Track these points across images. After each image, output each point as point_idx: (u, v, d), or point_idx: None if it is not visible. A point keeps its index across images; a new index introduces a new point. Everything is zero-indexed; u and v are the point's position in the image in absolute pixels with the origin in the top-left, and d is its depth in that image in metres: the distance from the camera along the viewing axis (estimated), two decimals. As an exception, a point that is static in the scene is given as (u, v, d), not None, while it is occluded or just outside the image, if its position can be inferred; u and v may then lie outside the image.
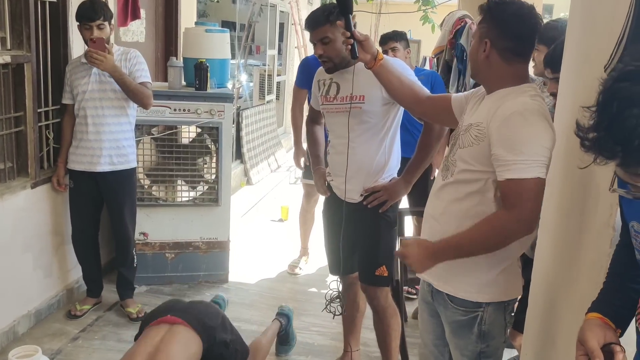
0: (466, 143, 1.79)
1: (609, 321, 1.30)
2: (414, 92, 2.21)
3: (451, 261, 1.80)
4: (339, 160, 2.60)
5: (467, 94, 2.04)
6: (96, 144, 3.28)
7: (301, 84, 4.14)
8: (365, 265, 2.68)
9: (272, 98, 8.34)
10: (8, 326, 3.14)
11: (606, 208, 1.45)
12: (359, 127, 2.51)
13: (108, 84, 3.25)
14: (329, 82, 2.60)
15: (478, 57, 1.82)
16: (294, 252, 4.58)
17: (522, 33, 1.77)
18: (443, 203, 1.88)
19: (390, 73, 2.19)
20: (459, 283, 1.86)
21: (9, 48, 3.05)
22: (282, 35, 9.13)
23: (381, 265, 2.63)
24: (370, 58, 2.16)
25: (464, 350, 1.91)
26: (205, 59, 3.82)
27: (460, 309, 1.86)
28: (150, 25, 4.91)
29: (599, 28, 1.69)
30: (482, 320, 1.84)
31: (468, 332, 1.87)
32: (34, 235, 3.31)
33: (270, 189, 6.76)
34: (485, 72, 1.83)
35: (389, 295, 2.73)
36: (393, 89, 2.22)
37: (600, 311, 1.32)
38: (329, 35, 2.43)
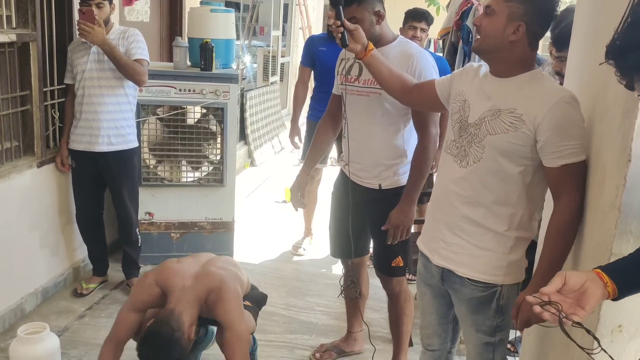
0: (499, 129, 1.76)
1: (603, 275, 1.24)
2: (402, 81, 2.20)
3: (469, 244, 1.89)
4: (355, 145, 2.57)
5: (452, 77, 2.02)
6: (94, 123, 3.28)
7: (306, 62, 4.14)
8: (381, 256, 2.69)
9: (276, 79, 8.31)
10: (15, 303, 3.18)
11: (612, 189, 1.46)
12: (378, 113, 2.48)
13: (106, 63, 3.22)
14: (352, 62, 2.53)
15: (504, 38, 1.75)
16: (298, 233, 4.60)
17: (551, 17, 1.79)
18: (470, 190, 1.86)
19: (381, 63, 2.19)
20: (477, 266, 1.88)
21: (14, 27, 3.04)
22: (286, 16, 9.06)
23: (397, 256, 2.64)
24: (361, 48, 2.15)
25: (481, 325, 1.94)
26: (211, 39, 3.80)
27: (479, 285, 1.89)
28: (154, 5, 4.88)
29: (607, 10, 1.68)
30: (500, 295, 1.89)
31: (487, 307, 1.90)
32: (41, 214, 3.34)
33: (274, 170, 6.77)
34: (506, 54, 1.78)
35: (403, 281, 2.75)
36: (383, 79, 2.21)
37: (604, 268, 1.27)
38: (357, 15, 2.36)
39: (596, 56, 1.76)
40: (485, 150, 1.80)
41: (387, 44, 2.46)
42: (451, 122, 1.94)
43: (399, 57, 2.41)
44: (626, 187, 1.39)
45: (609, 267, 1.28)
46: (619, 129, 1.46)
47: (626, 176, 1.39)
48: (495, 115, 1.78)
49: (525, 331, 2.33)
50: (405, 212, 2.48)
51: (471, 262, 1.89)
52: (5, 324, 3.10)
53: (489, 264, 1.87)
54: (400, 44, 2.48)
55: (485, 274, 1.88)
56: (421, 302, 2.18)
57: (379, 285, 2.85)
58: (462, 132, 1.87)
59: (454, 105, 1.95)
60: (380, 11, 2.42)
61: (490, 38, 1.78)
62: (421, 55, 2.44)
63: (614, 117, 1.51)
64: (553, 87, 1.75)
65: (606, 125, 1.58)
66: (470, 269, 1.90)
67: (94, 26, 3.04)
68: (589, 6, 1.92)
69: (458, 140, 1.89)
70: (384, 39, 2.46)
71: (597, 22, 1.80)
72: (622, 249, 1.43)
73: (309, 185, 4.38)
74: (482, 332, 1.95)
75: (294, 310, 3.55)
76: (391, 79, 2.19)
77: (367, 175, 2.58)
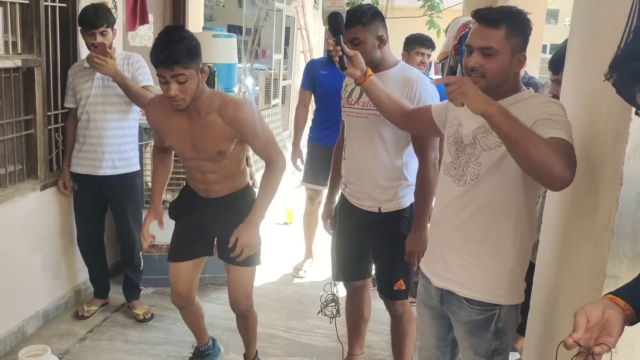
0: (492, 144, 1.78)
1: (618, 300, 1.24)
2: (400, 107, 2.24)
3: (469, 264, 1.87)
4: (354, 167, 2.60)
5: (447, 102, 2.04)
6: (99, 147, 3.32)
7: (306, 85, 4.19)
8: (384, 280, 2.70)
9: (277, 102, 8.39)
10: (17, 326, 3.19)
11: (605, 212, 1.48)
12: (377, 135, 2.50)
13: (111, 89, 3.28)
14: (353, 85, 2.56)
15: (509, 73, 1.79)
16: (299, 255, 4.61)
17: None
18: (469, 209, 1.87)
19: (379, 89, 2.22)
20: (477, 286, 1.89)
21: (20, 52, 3.10)
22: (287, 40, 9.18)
23: (399, 280, 2.65)
24: (360, 74, 2.18)
25: (479, 349, 1.94)
26: (213, 64, 3.86)
27: (477, 308, 1.89)
28: (158, 30, 4.93)
29: (600, 33, 1.72)
30: (499, 317, 1.89)
31: (485, 330, 1.90)
32: (43, 237, 3.36)
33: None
34: (509, 84, 1.81)
35: (407, 303, 2.76)
36: (381, 105, 2.24)
37: (615, 293, 1.27)
38: (360, 37, 2.41)
39: (589, 80, 1.80)
40: (482, 167, 1.82)
41: (388, 69, 2.50)
42: (447, 145, 1.97)
43: (399, 82, 2.44)
44: (618, 210, 1.42)
45: (620, 291, 1.29)
46: (610, 153, 1.49)
47: (618, 199, 1.42)
48: (487, 132, 1.80)
49: (524, 353, 2.33)
50: (418, 238, 2.51)
51: (471, 283, 1.90)
52: (7, 347, 3.10)
53: (489, 285, 1.88)
54: (401, 69, 2.52)
55: (486, 294, 1.88)
56: (420, 324, 2.19)
57: (381, 308, 2.86)
58: (459, 153, 1.90)
59: (449, 129, 1.98)
60: (383, 36, 2.46)
61: (498, 77, 1.78)
62: (421, 81, 2.47)
63: (606, 141, 1.54)
64: (541, 98, 1.79)
65: (598, 149, 1.61)
66: (470, 290, 1.90)
67: (106, 59, 3.10)
68: (582, 31, 1.96)
69: (455, 161, 1.91)
70: (384, 64, 2.50)
71: (589, 46, 1.84)
72: (616, 271, 1.46)
73: (309, 207, 4.42)
74: (480, 355, 1.95)
75: (294, 333, 3.55)
76: (389, 105, 2.23)
77: (366, 197, 2.60)
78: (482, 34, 1.77)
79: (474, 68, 1.78)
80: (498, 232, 1.84)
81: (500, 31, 1.75)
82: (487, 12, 1.78)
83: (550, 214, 2.13)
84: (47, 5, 3.23)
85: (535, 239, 2.10)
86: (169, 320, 3.56)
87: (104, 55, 3.10)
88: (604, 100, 1.60)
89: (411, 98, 2.40)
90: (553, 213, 2.07)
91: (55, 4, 3.34)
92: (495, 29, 1.75)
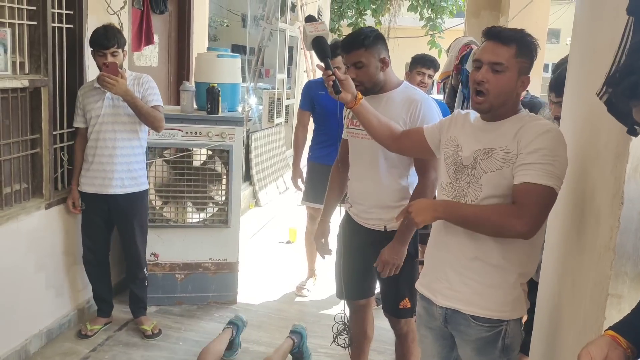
0: (493, 167, 1.82)
1: (620, 339, 1.27)
2: (390, 129, 2.26)
3: (474, 282, 1.88)
4: (360, 187, 2.62)
5: (441, 124, 2.09)
6: (108, 166, 3.35)
7: (305, 106, 4.23)
8: (389, 298, 2.70)
9: (281, 121, 8.43)
10: (20, 345, 3.18)
11: (606, 231, 1.49)
12: (382, 155, 2.52)
13: (121, 108, 3.32)
14: None
15: (512, 92, 1.83)
16: (302, 274, 4.60)
17: None
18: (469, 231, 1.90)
19: (369, 112, 2.25)
20: (484, 303, 1.90)
21: (27, 72, 3.14)
22: (291, 59, 9.25)
23: (404, 298, 2.65)
24: (351, 98, 2.21)
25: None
26: (217, 84, 3.90)
27: (485, 325, 1.89)
28: (163, 50, 5.02)
29: (599, 54, 1.74)
30: (506, 333, 1.89)
31: (492, 347, 1.90)
32: (47, 255, 3.37)
33: (278, 210, 6.80)
34: (509, 105, 1.85)
35: (411, 321, 2.75)
36: (372, 128, 2.27)
37: (617, 329, 1.30)
38: (363, 60, 2.44)
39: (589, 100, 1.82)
40: (483, 188, 1.84)
41: (392, 90, 2.52)
42: (445, 166, 1.99)
43: (403, 102, 2.47)
44: (620, 229, 1.43)
45: (621, 327, 1.31)
46: (611, 172, 1.51)
47: (619, 218, 1.43)
48: (487, 154, 1.84)
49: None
50: (396, 250, 2.51)
51: (478, 300, 1.90)
52: (9, 366, 3.10)
53: (496, 300, 1.88)
54: (405, 89, 2.55)
55: (492, 310, 1.88)
56: (422, 346, 2.18)
57: (384, 327, 2.86)
58: (458, 174, 1.92)
59: (446, 150, 2.00)
60: (386, 58, 2.49)
61: (502, 95, 1.82)
62: (425, 102, 2.49)
63: (607, 161, 1.55)
64: (542, 123, 1.81)
65: (599, 169, 1.62)
66: (477, 307, 1.90)
67: (117, 78, 3.15)
68: (581, 52, 1.98)
69: (455, 182, 1.93)
70: (388, 85, 2.53)
71: (588, 67, 1.86)
72: (619, 290, 1.46)
73: (310, 226, 4.42)
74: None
75: (297, 352, 3.54)
76: (379, 128, 2.25)
77: (371, 216, 2.61)
78: (493, 50, 1.81)
79: (481, 82, 1.82)
80: (501, 249, 1.85)
81: (511, 49, 1.79)
82: (500, 30, 1.83)
83: (552, 233, 2.14)
84: (54, 27, 3.28)
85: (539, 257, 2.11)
86: (171, 340, 3.56)
87: (115, 75, 3.15)
88: (604, 119, 1.61)
89: (415, 118, 2.42)
90: (555, 232, 2.08)
91: (62, 25, 3.39)
92: (507, 46, 1.80)
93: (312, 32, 2.29)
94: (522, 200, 1.72)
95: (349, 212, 2.74)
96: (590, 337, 1.54)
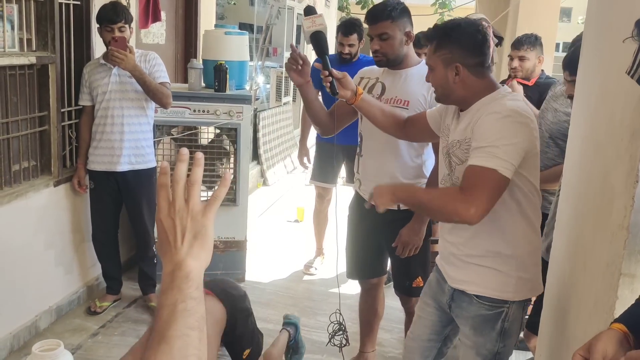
0: (462, 159, 1.86)
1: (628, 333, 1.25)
2: (395, 118, 2.26)
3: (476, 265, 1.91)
4: (374, 165, 2.58)
5: (440, 108, 2.09)
6: (117, 143, 3.34)
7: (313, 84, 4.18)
8: (401, 277, 2.70)
9: (288, 100, 8.39)
10: (30, 321, 3.21)
11: (620, 209, 1.47)
12: None
13: (129, 84, 3.31)
14: (375, 81, 2.57)
15: (450, 84, 1.86)
16: (310, 253, 4.61)
17: (480, 44, 1.84)
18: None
19: (372, 105, 2.24)
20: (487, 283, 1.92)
21: (34, 49, 3.13)
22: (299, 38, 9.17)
23: (417, 277, 2.65)
24: (351, 94, 2.20)
25: (482, 348, 1.94)
26: (225, 61, 3.87)
27: (486, 304, 1.92)
28: (170, 28, 4.98)
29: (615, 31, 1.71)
30: (506, 316, 1.91)
31: (490, 328, 1.92)
32: (56, 233, 3.39)
33: (286, 190, 6.80)
34: (460, 93, 1.88)
35: None
36: (376, 120, 2.26)
37: (624, 321, 1.28)
38: (389, 31, 2.41)
39: (604, 78, 1.78)
40: (460, 181, 1.86)
41: (411, 66, 2.50)
42: (442, 156, 2.00)
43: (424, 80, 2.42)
44: (634, 208, 1.41)
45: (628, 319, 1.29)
46: (626, 151, 1.48)
47: (634, 197, 1.40)
48: (458, 146, 1.89)
49: (537, 352, 2.32)
50: (416, 230, 2.51)
51: (481, 281, 1.93)
52: (20, 342, 3.13)
53: (498, 281, 1.91)
54: (424, 66, 2.51)
55: (495, 290, 1.91)
56: (420, 312, 2.19)
57: (392, 306, 2.86)
58: (448, 166, 1.96)
59: (442, 140, 2.01)
60: (411, 32, 2.47)
61: (440, 88, 1.91)
62: None
63: (622, 139, 1.52)
64: (494, 104, 1.81)
65: (614, 147, 1.59)
66: (480, 287, 1.93)
67: (126, 53, 3.13)
68: (597, 29, 1.94)
69: (450, 173, 1.95)
70: (408, 61, 2.50)
71: (604, 44, 1.82)
72: (632, 269, 1.44)
73: (319, 205, 4.41)
74: (482, 356, 1.95)
75: (305, 330, 3.55)
76: (384, 119, 2.25)
77: None
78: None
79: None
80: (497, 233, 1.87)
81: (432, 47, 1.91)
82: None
83: (564, 213, 2.12)
84: (61, 3, 3.25)
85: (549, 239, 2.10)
86: (180, 317, 3.58)
87: (124, 50, 3.13)
88: (620, 97, 1.59)
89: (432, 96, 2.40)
90: (567, 211, 2.06)
91: (69, 2, 3.36)
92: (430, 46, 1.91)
93: (309, 28, 2.22)
94: (465, 184, 1.74)
95: (358, 191, 2.72)
96: (601, 317, 1.53)
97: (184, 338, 0.81)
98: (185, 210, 0.89)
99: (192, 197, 0.90)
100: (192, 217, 0.89)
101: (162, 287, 0.88)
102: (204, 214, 0.90)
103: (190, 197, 0.90)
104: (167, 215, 0.90)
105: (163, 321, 0.82)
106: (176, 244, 0.88)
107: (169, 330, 0.81)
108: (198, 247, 0.89)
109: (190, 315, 0.83)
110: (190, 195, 0.90)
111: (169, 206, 0.90)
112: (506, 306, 1.90)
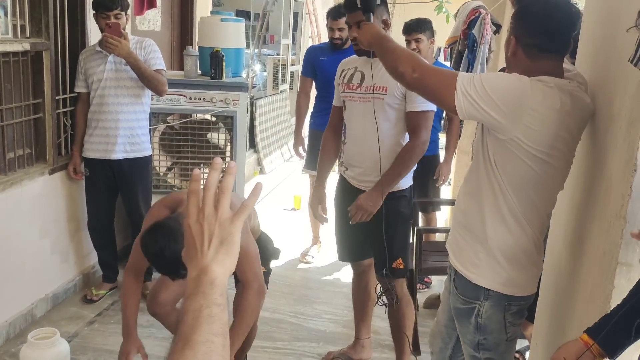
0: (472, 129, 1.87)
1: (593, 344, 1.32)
2: None
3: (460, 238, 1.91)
4: (357, 150, 2.63)
5: None
6: (112, 131, 3.32)
7: (307, 72, 4.17)
8: (381, 258, 2.70)
9: (285, 88, 8.35)
10: (26, 309, 3.21)
11: (618, 198, 1.47)
12: (380, 117, 2.53)
13: (124, 72, 3.28)
14: (353, 70, 2.62)
15: (507, 53, 1.81)
16: (306, 241, 4.61)
17: (550, 29, 1.69)
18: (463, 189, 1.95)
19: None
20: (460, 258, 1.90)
21: (28, 36, 3.09)
22: (296, 25, 9.11)
23: (398, 258, 2.66)
24: None
25: (464, 337, 1.96)
26: (221, 48, 3.84)
27: (461, 297, 1.91)
28: (166, 14, 4.94)
29: (614, 19, 1.69)
30: (478, 312, 1.86)
31: (466, 321, 1.91)
32: (52, 221, 3.37)
33: (282, 178, 6.79)
34: (513, 68, 1.79)
35: (404, 285, 2.76)
36: None
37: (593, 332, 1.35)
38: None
39: (602, 66, 1.77)
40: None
41: None
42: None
43: None
44: (632, 197, 1.41)
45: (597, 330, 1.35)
46: (624, 139, 1.47)
47: (632, 185, 1.40)
48: None
49: (533, 340, 2.33)
50: (373, 198, 2.55)
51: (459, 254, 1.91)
52: (16, 329, 3.13)
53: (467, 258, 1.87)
54: None
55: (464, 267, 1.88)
56: (442, 297, 2.19)
57: (387, 293, 2.85)
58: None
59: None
60: (388, 20, 2.50)
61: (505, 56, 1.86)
62: None
63: (620, 127, 1.52)
64: None
65: (612, 136, 1.59)
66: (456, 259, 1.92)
67: (120, 39, 3.10)
68: (596, 17, 1.93)
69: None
70: None
71: (603, 32, 1.81)
72: (628, 259, 1.44)
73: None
74: (467, 343, 1.95)
75: (301, 318, 3.56)
76: None
77: (369, 179, 2.61)
78: None
79: None
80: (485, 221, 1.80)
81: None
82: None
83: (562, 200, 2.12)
84: (55, -11, 3.21)
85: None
86: (177, 305, 3.58)
87: (118, 36, 3.10)
88: (618, 86, 1.58)
89: None
90: (565, 199, 2.05)
91: (63, -13, 3.32)
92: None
93: None
94: (427, 65, 1.82)
95: (344, 175, 2.74)
96: (598, 306, 1.54)
97: (208, 344, 0.81)
98: (214, 216, 0.91)
99: (221, 205, 0.91)
100: (220, 223, 0.91)
101: (186, 292, 0.88)
102: (232, 221, 0.92)
103: (220, 204, 0.91)
104: (196, 220, 0.91)
105: (188, 326, 0.83)
106: (202, 249, 0.89)
107: (194, 335, 0.81)
108: (224, 253, 0.90)
109: (215, 322, 0.83)
110: (220, 202, 0.91)
111: (199, 212, 0.91)
112: (478, 302, 1.85)
